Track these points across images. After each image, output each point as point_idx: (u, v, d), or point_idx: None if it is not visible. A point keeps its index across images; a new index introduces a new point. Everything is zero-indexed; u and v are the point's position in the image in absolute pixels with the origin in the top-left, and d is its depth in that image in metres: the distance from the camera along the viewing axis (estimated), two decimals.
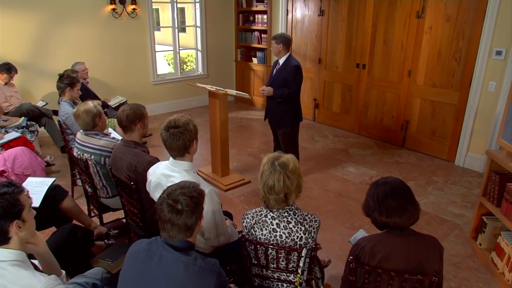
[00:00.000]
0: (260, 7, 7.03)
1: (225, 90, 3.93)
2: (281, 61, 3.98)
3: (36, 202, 2.58)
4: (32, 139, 4.35)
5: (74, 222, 2.85)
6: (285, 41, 3.92)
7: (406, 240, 1.67)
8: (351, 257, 1.69)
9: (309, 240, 1.82)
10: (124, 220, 2.95)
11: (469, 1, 4.41)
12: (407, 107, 5.29)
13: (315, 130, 6.24)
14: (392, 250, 1.65)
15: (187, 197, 1.52)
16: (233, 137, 5.61)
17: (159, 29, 12.88)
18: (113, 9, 6.00)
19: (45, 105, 5.10)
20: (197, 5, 7.13)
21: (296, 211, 1.85)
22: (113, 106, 5.31)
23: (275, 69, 4.06)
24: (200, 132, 2.28)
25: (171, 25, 7.03)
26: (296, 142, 4.25)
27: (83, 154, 2.87)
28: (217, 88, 3.98)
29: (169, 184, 2.04)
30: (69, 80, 3.90)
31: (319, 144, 5.60)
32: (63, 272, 1.82)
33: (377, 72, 5.55)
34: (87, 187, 2.99)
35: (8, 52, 5.23)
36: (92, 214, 3.23)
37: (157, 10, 16.31)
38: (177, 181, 2.01)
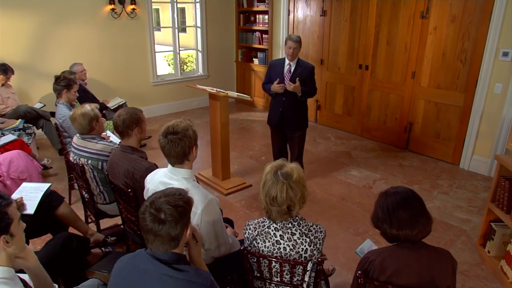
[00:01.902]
0: (261, 7, 6.94)
1: (226, 92, 3.84)
2: (292, 63, 3.82)
3: (31, 209, 2.51)
4: (29, 142, 4.27)
5: (70, 229, 2.77)
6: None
7: (418, 253, 1.58)
8: (359, 272, 1.60)
9: (315, 252, 1.73)
10: (122, 226, 2.87)
11: (475, 1, 4.32)
12: (411, 109, 5.20)
13: (317, 132, 6.15)
14: (403, 264, 1.56)
15: (171, 206, 1.41)
16: (233, 139, 5.52)
17: (159, 29, 12.79)
18: (112, 9, 5.91)
19: (42, 106, 5.01)
20: (198, 5, 7.05)
21: (301, 222, 1.76)
22: (112, 108, 5.22)
23: (285, 71, 3.84)
24: (200, 134, 2.20)
25: (171, 25, 6.95)
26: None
27: (79, 159, 2.79)
28: (218, 90, 3.89)
29: None
30: (65, 82, 3.81)
31: (321, 147, 5.51)
32: (56, 286, 1.73)
33: (380, 73, 5.46)
34: (84, 192, 2.91)
35: (5, 52, 5.15)
36: (89, 220, 3.14)
37: (157, 10, 16.23)
38: None
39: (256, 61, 7.35)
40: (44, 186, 2.67)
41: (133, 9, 6.09)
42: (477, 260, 3.06)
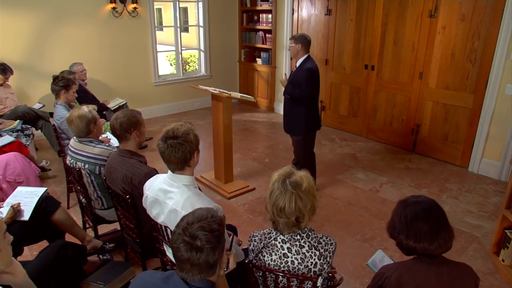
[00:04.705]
0: (265, 6, 6.82)
1: (229, 92, 3.72)
2: (298, 63, 3.68)
3: (26, 215, 2.40)
4: (27, 143, 4.17)
5: (67, 235, 2.66)
6: (305, 42, 3.62)
7: (438, 270, 1.46)
8: None
9: (325, 266, 1.62)
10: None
11: (485, 0, 4.19)
12: (418, 110, 5.07)
13: (322, 134, 6.01)
14: (421, 281, 1.44)
15: (207, 232, 1.29)
16: (236, 140, 5.40)
17: (161, 29, 12.68)
18: (113, 8, 5.81)
19: (42, 107, 4.92)
20: (200, 4, 6.94)
21: (310, 233, 1.64)
22: (112, 109, 5.11)
23: (292, 71, 3.81)
24: (202, 136, 2.09)
25: (173, 24, 6.84)
26: (309, 152, 3.94)
27: (76, 163, 2.67)
28: (221, 90, 3.77)
29: (167, 201, 1.85)
30: (63, 82, 3.70)
31: (326, 149, 5.39)
32: None
33: (387, 73, 5.33)
34: (81, 197, 2.80)
35: (4, 52, 5.06)
36: (87, 226, 3.04)
37: (159, 9, 16.13)
38: (176, 197, 1.83)
39: (259, 61, 7.24)
40: (40, 191, 2.56)
41: (135, 8, 5.98)
42: (491, 269, 2.93)
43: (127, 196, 2.14)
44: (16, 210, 2.38)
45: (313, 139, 3.94)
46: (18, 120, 4.38)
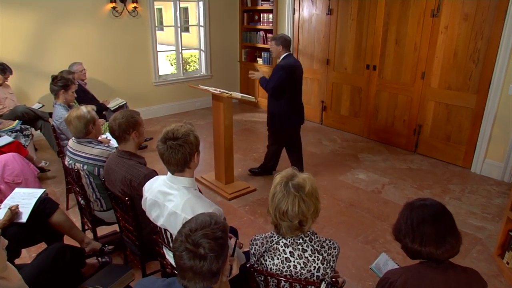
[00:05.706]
0: (266, 6, 6.79)
1: (230, 92, 3.69)
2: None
3: (24, 217, 2.37)
4: (26, 144, 4.14)
5: (66, 237, 2.63)
6: (285, 43, 3.85)
7: (444, 275, 1.42)
8: None
9: (328, 270, 1.58)
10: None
11: None
12: (420, 110, 5.03)
13: (323, 134, 5.99)
14: (427, 287, 1.40)
15: (210, 240, 1.24)
16: (237, 141, 5.36)
17: (162, 29, 12.65)
18: (114, 8, 5.78)
19: (41, 107, 4.88)
20: (201, 4, 6.90)
21: (313, 237, 1.60)
22: (112, 109, 5.07)
23: None
24: (203, 136, 2.05)
25: (173, 24, 6.80)
26: (273, 151, 4.12)
27: (74, 164, 2.64)
28: (221, 90, 3.74)
29: (167, 203, 1.81)
30: (63, 82, 3.67)
31: (327, 149, 5.36)
32: None
33: (389, 73, 5.29)
34: (80, 199, 2.76)
35: (3, 52, 5.03)
36: (86, 227, 3.00)
37: (160, 9, 16.10)
38: (176, 199, 1.79)
39: (260, 61, 7.20)
40: (38, 192, 2.53)
41: (135, 7, 5.95)
42: (495, 271, 2.89)
43: (126, 198, 2.10)
44: (14, 212, 2.34)
45: (283, 139, 4.09)
46: (17, 120, 4.35)
